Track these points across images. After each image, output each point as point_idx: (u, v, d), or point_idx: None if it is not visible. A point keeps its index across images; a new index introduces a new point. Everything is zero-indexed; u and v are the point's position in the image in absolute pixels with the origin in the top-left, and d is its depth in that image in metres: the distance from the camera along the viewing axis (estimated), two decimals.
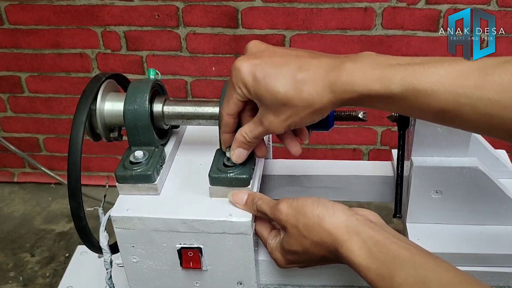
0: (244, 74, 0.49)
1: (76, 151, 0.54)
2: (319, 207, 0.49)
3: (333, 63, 0.47)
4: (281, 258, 0.54)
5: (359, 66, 0.46)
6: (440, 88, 0.43)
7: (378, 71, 0.45)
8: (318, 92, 0.47)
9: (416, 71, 0.44)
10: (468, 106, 0.43)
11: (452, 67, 0.44)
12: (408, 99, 0.45)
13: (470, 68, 0.43)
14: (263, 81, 0.48)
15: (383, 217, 0.53)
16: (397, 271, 0.44)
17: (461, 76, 0.43)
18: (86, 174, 1.81)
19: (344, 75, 0.46)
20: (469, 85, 0.42)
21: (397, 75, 0.44)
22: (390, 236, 0.47)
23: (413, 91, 0.44)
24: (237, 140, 0.55)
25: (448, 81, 0.43)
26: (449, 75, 0.43)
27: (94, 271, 0.95)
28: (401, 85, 0.44)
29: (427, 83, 0.43)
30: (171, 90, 1.60)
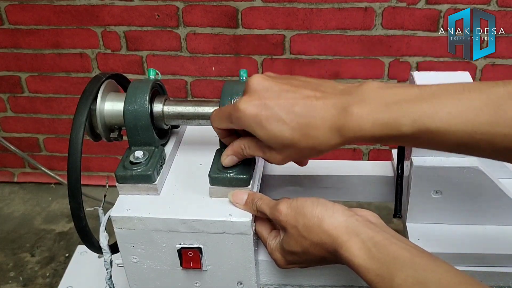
0: (248, 117, 0.48)
1: (76, 152, 0.54)
2: (319, 208, 0.49)
3: (340, 105, 0.46)
4: (281, 258, 0.54)
5: (367, 111, 0.45)
6: (453, 127, 0.42)
7: (387, 114, 0.44)
8: (324, 136, 0.46)
9: (425, 111, 0.43)
10: (484, 141, 0.42)
11: (463, 104, 0.43)
12: (421, 138, 0.44)
13: (482, 103, 0.42)
14: (268, 125, 0.47)
15: (383, 217, 0.53)
16: (396, 272, 0.44)
17: (474, 113, 0.42)
18: (86, 174, 1.81)
19: (353, 121, 0.45)
20: (483, 122, 0.42)
21: (406, 116, 0.43)
22: (389, 237, 0.47)
23: (425, 131, 0.43)
24: (233, 148, 0.54)
25: (461, 120, 0.42)
26: (461, 113, 0.42)
27: (94, 271, 0.95)
28: (412, 127, 0.43)
29: (439, 123, 0.43)
30: (171, 90, 1.60)
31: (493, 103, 0.42)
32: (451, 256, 0.60)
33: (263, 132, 0.48)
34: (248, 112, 0.48)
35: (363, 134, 0.45)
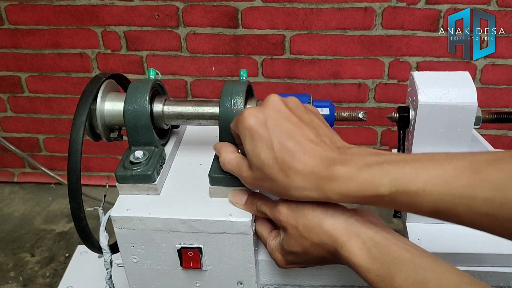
0: (244, 125, 0.49)
1: (76, 152, 0.54)
2: (319, 208, 0.49)
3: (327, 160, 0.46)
4: (281, 258, 0.54)
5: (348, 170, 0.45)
6: (432, 188, 0.42)
7: (366, 174, 0.44)
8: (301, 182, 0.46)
9: (406, 172, 0.43)
10: (463, 206, 0.41)
11: (443, 167, 0.42)
12: (398, 199, 0.43)
13: (462, 166, 0.42)
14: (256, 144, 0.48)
15: (383, 217, 0.53)
16: (397, 272, 0.44)
17: (453, 175, 0.41)
18: (86, 174, 1.81)
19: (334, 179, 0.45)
20: (462, 185, 0.41)
21: (386, 176, 0.43)
22: (390, 237, 0.47)
23: (403, 192, 0.43)
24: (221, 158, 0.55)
25: (439, 182, 0.42)
26: (440, 175, 0.42)
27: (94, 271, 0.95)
28: (390, 187, 0.43)
29: (418, 184, 0.42)
30: (171, 90, 1.60)
31: (474, 167, 0.41)
32: (451, 256, 0.60)
33: (249, 146, 0.49)
34: (247, 121, 0.49)
35: (341, 191, 0.45)
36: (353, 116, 0.62)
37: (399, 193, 0.43)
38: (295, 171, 0.47)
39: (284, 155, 0.47)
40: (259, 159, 0.48)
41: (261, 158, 0.48)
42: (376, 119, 1.60)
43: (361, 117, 0.62)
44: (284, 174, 0.47)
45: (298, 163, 0.47)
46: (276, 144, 0.47)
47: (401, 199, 0.43)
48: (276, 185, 0.48)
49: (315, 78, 1.55)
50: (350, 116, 0.62)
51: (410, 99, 0.61)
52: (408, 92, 0.61)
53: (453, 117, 0.56)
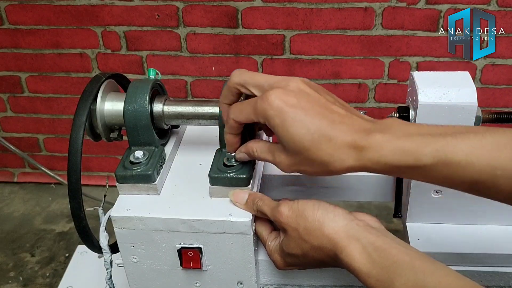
0: (273, 109, 0.47)
1: (76, 152, 0.54)
2: (320, 211, 0.49)
3: (363, 130, 0.46)
4: (280, 260, 0.54)
5: (389, 138, 0.45)
6: (474, 160, 0.42)
7: (408, 143, 0.44)
8: (339, 155, 0.46)
9: (448, 142, 0.43)
10: (504, 178, 0.42)
11: (486, 139, 0.42)
12: (440, 170, 0.43)
13: (504, 139, 0.42)
14: (291, 126, 0.46)
15: (383, 217, 0.53)
16: (396, 276, 0.44)
17: (496, 148, 0.42)
18: (86, 174, 1.81)
19: (373, 145, 0.45)
20: (504, 157, 0.41)
21: (428, 146, 0.43)
22: (390, 242, 0.47)
23: (445, 162, 0.43)
24: (247, 149, 0.54)
25: (482, 153, 0.42)
26: (483, 146, 0.42)
27: (94, 271, 0.95)
28: (433, 157, 0.43)
29: (461, 154, 0.42)
30: (171, 90, 1.60)
31: None
32: (451, 256, 0.60)
33: (283, 130, 0.47)
34: (275, 105, 0.47)
35: (381, 160, 0.45)
36: None
37: (441, 164, 0.43)
38: (334, 146, 0.46)
39: (320, 135, 0.46)
40: (294, 142, 0.47)
41: (297, 140, 0.47)
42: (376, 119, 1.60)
43: None
44: (323, 153, 0.46)
45: (336, 138, 0.46)
46: (310, 124, 0.46)
47: (443, 170, 0.43)
48: (315, 165, 0.47)
49: (315, 78, 1.55)
50: None
51: (410, 99, 0.61)
52: (408, 92, 0.61)
53: (453, 117, 0.56)
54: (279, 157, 0.50)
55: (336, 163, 0.46)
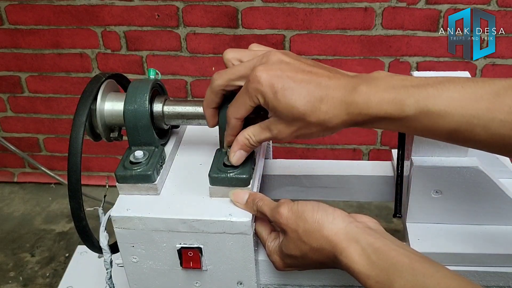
0: (263, 84, 0.49)
1: (76, 152, 0.54)
2: (319, 213, 0.50)
3: (350, 85, 0.48)
4: (280, 261, 0.54)
5: (374, 89, 0.47)
6: (453, 110, 0.44)
7: (392, 94, 0.46)
8: (334, 112, 0.48)
9: (429, 93, 0.45)
10: (480, 127, 0.44)
11: (465, 90, 0.45)
12: (421, 120, 0.46)
13: (482, 90, 0.45)
14: (282, 94, 0.48)
15: (383, 217, 0.53)
16: (396, 278, 0.44)
17: (473, 98, 0.44)
18: (86, 174, 1.81)
19: (360, 98, 0.47)
20: (481, 107, 0.44)
21: (410, 97, 0.46)
22: (389, 243, 0.47)
23: (426, 113, 0.45)
24: (239, 142, 0.54)
25: (460, 104, 0.44)
26: (462, 97, 0.45)
27: (94, 271, 0.95)
28: (415, 108, 0.45)
29: (441, 105, 0.45)
30: (171, 90, 1.60)
31: (493, 91, 0.44)
32: (451, 256, 0.60)
33: (276, 102, 0.49)
34: (264, 81, 0.49)
35: (369, 112, 0.47)
36: None
37: (423, 114, 0.45)
38: (327, 105, 0.48)
39: (312, 97, 0.48)
40: (290, 109, 0.48)
41: (292, 107, 0.48)
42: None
43: None
44: (319, 113, 0.48)
45: (327, 98, 0.48)
46: (300, 90, 0.48)
47: (424, 120, 0.46)
48: (313, 126, 0.49)
49: None
50: None
51: None
52: None
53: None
54: (276, 129, 0.51)
55: (332, 120, 0.48)
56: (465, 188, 0.60)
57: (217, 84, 0.54)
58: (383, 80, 0.48)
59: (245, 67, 0.52)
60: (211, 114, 0.56)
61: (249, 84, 0.50)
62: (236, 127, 0.54)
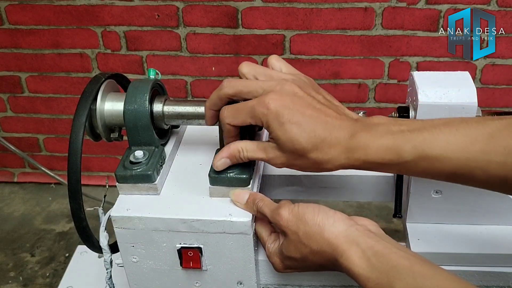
0: (272, 111, 0.49)
1: (76, 153, 0.54)
2: (320, 216, 0.50)
3: (352, 130, 0.49)
4: (279, 263, 0.54)
5: (373, 136, 0.48)
6: (450, 154, 0.45)
7: (390, 141, 0.47)
8: (333, 154, 0.49)
9: (426, 139, 0.46)
10: (479, 169, 0.45)
11: (459, 132, 0.46)
12: (420, 165, 0.47)
13: (476, 132, 0.45)
14: (289, 128, 0.49)
15: (383, 217, 0.53)
16: (396, 280, 0.44)
17: (468, 141, 0.45)
18: (86, 174, 1.81)
19: (359, 145, 0.48)
20: (477, 150, 0.45)
21: (408, 143, 0.47)
22: (389, 246, 0.47)
23: (424, 158, 0.46)
24: (229, 151, 0.54)
25: (456, 147, 0.45)
26: (457, 141, 0.45)
27: (94, 271, 0.95)
28: (412, 153, 0.46)
29: (437, 149, 0.46)
30: (171, 90, 1.60)
31: (488, 133, 0.45)
32: (451, 256, 0.60)
33: (281, 132, 0.49)
34: (274, 110, 0.49)
35: (367, 158, 0.48)
36: None
37: (420, 159, 0.46)
38: (328, 147, 0.49)
39: (316, 136, 0.49)
40: (292, 142, 0.49)
41: (295, 141, 0.49)
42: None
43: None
44: (319, 153, 0.49)
45: (330, 140, 0.49)
46: (306, 127, 0.49)
47: (422, 164, 0.47)
48: (309, 163, 0.50)
49: (315, 78, 1.54)
50: None
51: (410, 99, 0.61)
52: (408, 92, 0.61)
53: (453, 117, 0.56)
54: (272, 154, 0.52)
55: (329, 162, 0.49)
56: (465, 188, 0.60)
57: (226, 92, 0.54)
58: (382, 126, 0.49)
59: (258, 87, 0.52)
60: (212, 115, 0.56)
61: (258, 106, 0.50)
62: (232, 131, 0.54)
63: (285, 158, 0.51)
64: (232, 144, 0.54)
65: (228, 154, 0.54)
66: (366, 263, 0.46)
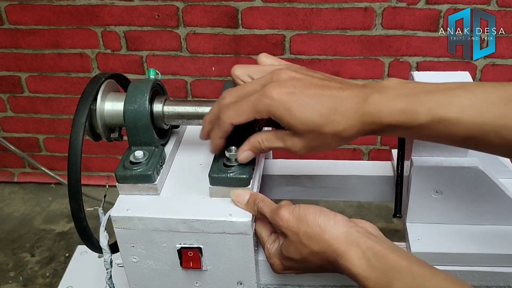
0: (275, 102, 0.49)
1: (76, 153, 0.54)
2: (321, 217, 0.50)
3: (362, 95, 0.48)
4: (279, 264, 0.54)
5: (385, 99, 0.47)
6: (465, 117, 0.45)
7: (404, 103, 0.47)
8: (348, 123, 0.48)
9: (440, 101, 0.45)
10: (493, 133, 0.44)
11: (476, 96, 0.45)
12: (434, 128, 0.46)
13: (493, 96, 0.45)
14: (297, 111, 0.48)
15: (383, 217, 0.53)
16: (394, 280, 0.44)
17: (484, 105, 0.44)
18: (86, 174, 1.81)
19: (372, 108, 0.47)
20: (493, 114, 0.44)
21: (423, 106, 0.46)
22: (388, 247, 0.47)
23: (439, 121, 0.45)
24: (250, 144, 0.54)
25: (472, 111, 0.45)
26: (473, 104, 0.45)
27: (94, 271, 0.95)
28: (427, 116, 0.46)
29: (453, 113, 0.45)
30: (171, 90, 1.60)
31: (505, 98, 0.44)
32: (451, 256, 0.60)
33: (291, 118, 0.49)
34: (278, 98, 0.49)
35: (382, 121, 0.47)
36: None
37: (435, 122, 0.46)
38: (341, 115, 0.48)
39: (326, 109, 0.48)
40: (305, 123, 0.49)
41: (307, 121, 0.48)
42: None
43: None
44: (334, 123, 0.48)
45: (341, 108, 0.48)
46: (314, 104, 0.48)
47: (437, 127, 0.46)
48: (328, 138, 0.49)
49: None
50: None
51: None
52: None
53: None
54: (291, 141, 0.51)
55: (346, 130, 0.48)
56: (465, 188, 0.60)
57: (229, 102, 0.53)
58: (394, 88, 0.48)
59: (256, 84, 0.52)
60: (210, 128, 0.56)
61: (261, 99, 0.50)
62: (229, 132, 0.54)
63: (304, 143, 0.50)
64: (252, 137, 0.54)
65: (250, 147, 0.54)
66: (365, 264, 0.46)
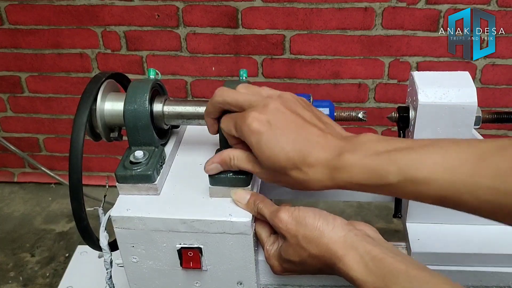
0: (250, 132, 0.49)
1: (77, 153, 0.54)
2: (320, 220, 0.50)
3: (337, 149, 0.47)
4: (278, 265, 0.54)
5: (358, 157, 0.46)
6: (437, 176, 0.42)
7: (375, 162, 0.45)
8: (315, 175, 0.47)
9: (412, 160, 0.44)
10: (467, 194, 0.42)
11: (448, 154, 0.43)
12: (406, 187, 0.44)
13: (466, 154, 0.42)
14: (267, 148, 0.48)
15: (383, 217, 0.53)
16: (392, 284, 0.44)
17: (457, 163, 0.42)
18: (86, 174, 1.81)
19: (344, 166, 0.46)
20: (466, 173, 0.41)
21: (393, 165, 0.44)
22: (386, 251, 0.47)
23: (410, 180, 0.43)
24: (221, 158, 0.54)
25: (444, 169, 0.42)
26: (446, 163, 0.42)
27: (94, 271, 0.95)
28: (398, 175, 0.44)
29: (425, 172, 0.43)
30: (171, 90, 1.60)
31: (478, 155, 0.42)
32: (451, 256, 0.60)
33: (259, 151, 0.49)
34: (252, 127, 0.49)
35: (352, 180, 0.46)
36: (353, 116, 0.62)
37: (407, 182, 0.44)
38: (308, 166, 0.47)
39: (295, 154, 0.47)
40: (271, 161, 0.49)
41: (273, 160, 0.48)
42: (376, 119, 1.60)
43: (361, 117, 0.62)
44: (298, 171, 0.48)
45: (310, 159, 0.47)
46: (286, 146, 0.48)
47: (409, 187, 0.44)
48: (291, 182, 0.49)
49: (315, 78, 1.55)
50: (350, 116, 0.62)
51: (410, 99, 0.61)
52: (408, 92, 0.61)
53: (453, 117, 0.56)
54: (259, 169, 0.52)
55: (311, 182, 0.48)
56: None
57: (216, 101, 0.54)
58: (368, 145, 0.47)
59: (243, 100, 0.52)
60: (210, 123, 0.57)
61: (239, 121, 0.50)
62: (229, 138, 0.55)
63: (269, 175, 0.51)
64: (225, 151, 0.55)
65: (220, 160, 0.55)
66: (363, 268, 0.46)
